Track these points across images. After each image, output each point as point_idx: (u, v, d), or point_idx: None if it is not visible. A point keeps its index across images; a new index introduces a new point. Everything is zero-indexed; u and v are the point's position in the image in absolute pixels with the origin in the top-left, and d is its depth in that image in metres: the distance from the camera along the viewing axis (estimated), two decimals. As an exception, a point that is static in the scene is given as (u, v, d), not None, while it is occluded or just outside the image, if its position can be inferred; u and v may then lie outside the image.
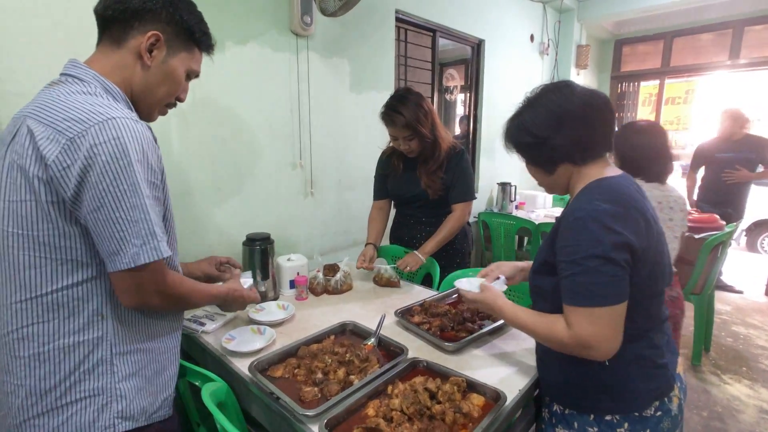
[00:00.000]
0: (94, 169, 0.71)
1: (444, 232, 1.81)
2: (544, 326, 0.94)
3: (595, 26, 4.80)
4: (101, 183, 0.71)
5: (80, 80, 0.80)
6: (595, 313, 0.83)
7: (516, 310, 1.03)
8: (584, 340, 0.84)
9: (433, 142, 1.78)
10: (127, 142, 0.73)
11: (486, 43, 3.50)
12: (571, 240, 0.86)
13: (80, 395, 0.79)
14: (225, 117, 1.83)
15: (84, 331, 0.79)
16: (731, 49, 4.60)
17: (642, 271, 0.86)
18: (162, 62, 0.86)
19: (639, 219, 0.86)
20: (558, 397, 1.02)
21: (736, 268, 4.44)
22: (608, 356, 0.85)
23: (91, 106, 0.74)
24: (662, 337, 0.96)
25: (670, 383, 0.94)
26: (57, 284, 0.76)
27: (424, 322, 1.37)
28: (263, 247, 1.59)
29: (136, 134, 0.75)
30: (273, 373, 1.12)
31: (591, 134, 0.92)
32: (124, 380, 0.83)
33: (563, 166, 0.96)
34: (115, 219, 0.73)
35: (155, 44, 0.84)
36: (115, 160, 0.72)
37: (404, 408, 0.93)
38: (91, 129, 0.71)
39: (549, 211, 3.50)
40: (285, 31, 1.99)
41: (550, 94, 0.95)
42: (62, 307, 0.77)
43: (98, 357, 0.80)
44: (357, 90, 2.42)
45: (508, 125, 1.02)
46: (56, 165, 0.71)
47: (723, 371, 2.57)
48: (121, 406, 0.82)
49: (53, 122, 0.72)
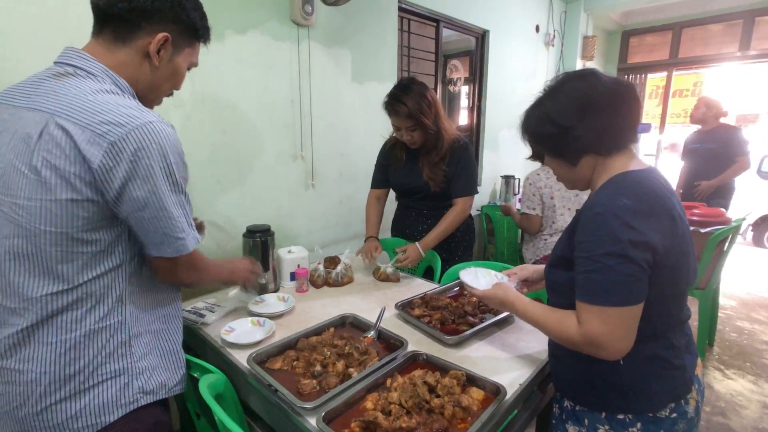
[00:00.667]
0: (138, 173, 0.76)
1: (444, 226, 1.79)
2: (555, 322, 0.91)
3: (602, 17, 4.72)
4: (145, 185, 0.77)
5: (92, 75, 0.81)
6: (608, 312, 0.80)
7: (527, 304, 1.01)
8: (594, 339, 0.82)
9: (436, 134, 1.75)
10: (167, 147, 0.79)
11: (490, 34, 3.44)
12: (590, 236, 0.83)
13: (102, 378, 0.83)
14: (225, 108, 1.81)
15: (108, 317, 0.83)
16: (741, 40, 4.51)
17: (664, 271, 0.82)
18: (168, 61, 0.89)
19: (663, 216, 0.82)
20: (569, 393, 1.00)
21: (742, 263, 4.40)
22: (618, 357, 0.83)
23: (124, 108, 0.77)
24: (682, 337, 0.92)
25: (688, 385, 0.91)
26: (89, 275, 0.80)
27: (425, 315, 1.36)
28: (263, 239, 1.58)
29: (171, 137, 0.81)
30: (272, 365, 1.11)
31: (617, 124, 0.88)
32: (142, 359, 0.89)
33: (587, 157, 0.92)
34: (159, 217, 0.80)
35: (164, 45, 0.86)
36: (157, 164, 0.77)
37: (403, 401, 0.92)
38: (132, 133, 0.75)
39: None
40: (286, 20, 1.96)
41: (573, 82, 0.90)
42: (91, 296, 0.81)
43: (119, 340, 0.85)
44: (359, 81, 2.39)
45: (527, 115, 0.98)
46: (101, 168, 0.74)
47: (727, 366, 2.56)
48: (141, 382, 0.88)
49: (90, 125, 0.74)
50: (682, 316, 0.93)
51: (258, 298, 1.50)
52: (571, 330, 0.86)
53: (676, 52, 4.95)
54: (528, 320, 1.01)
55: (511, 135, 3.79)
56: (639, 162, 0.92)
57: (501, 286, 1.12)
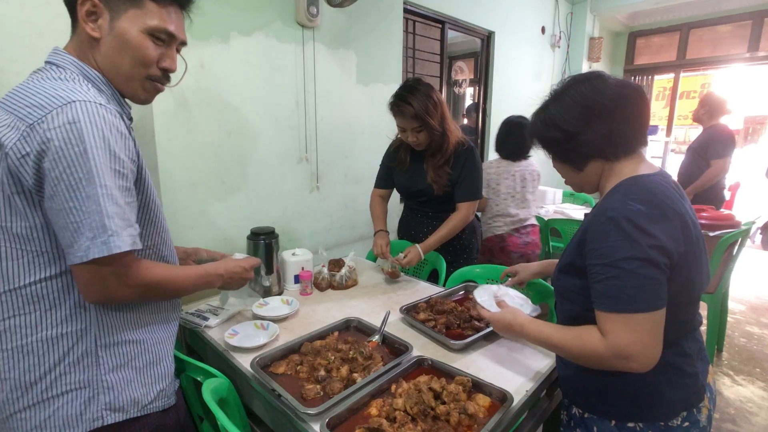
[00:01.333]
0: (47, 155, 0.67)
1: (445, 230, 1.77)
2: (575, 340, 0.86)
3: (609, 18, 4.68)
4: (55, 170, 0.68)
5: (58, 67, 0.77)
6: (635, 319, 0.77)
7: (539, 326, 0.96)
8: (623, 350, 0.77)
9: (442, 135, 1.73)
10: (83, 127, 0.68)
11: (496, 36, 3.43)
12: (604, 242, 0.80)
13: (66, 388, 0.78)
14: (230, 109, 1.80)
15: (66, 323, 0.77)
16: (750, 41, 4.46)
17: (678, 278, 0.80)
18: (110, 28, 0.78)
19: (675, 221, 0.79)
20: (578, 400, 0.98)
21: (750, 267, 4.34)
22: (649, 367, 0.78)
23: (55, 90, 0.71)
24: (694, 344, 0.90)
25: (700, 393, 0.89)
26: (34, 276, 0.75)
27: (430, 319, 1.34)
28: (267, 241, 1.57)
29: (96, 118, 0.70)
30: (275, 369, 1.10)
31: (624, 128, 0.86)
32: (111, 372, 0.81)
33: (594, 162, 0.90)
34: (68, 209, 0.69)
35: (94, 11, 0.77)
36: (68, 145, 0.68)
37: (408, 408, 0.91)
38: (50, 114, 0.68)
39: (558, 207, 3.44)
40: (291, 22, 1.96)
41: (579, 86, 0.89)
42: (42, 299, 0.76)
43: (83, 349, 0.79)
44: (364, 82, 2.39)
45: (534, 119, 0.96)
46: (14, 152, 0.68)
47: (736, 372, 2.52)
48: (108, 398, 0.81)
49: (16, 109, 0.70)
50: (695, 322, 0.91)
51: (262, 300, 1.49)
52: (596, 344, 0.81)
53: (683, 53, 4.91)
54: (542, 343, 0.96)
55: (516, 137, 3.77)
56: (649, 166, 0.89)
57: (509, 309, 1.07)
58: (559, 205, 3.54)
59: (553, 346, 0.93)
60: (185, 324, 1.37)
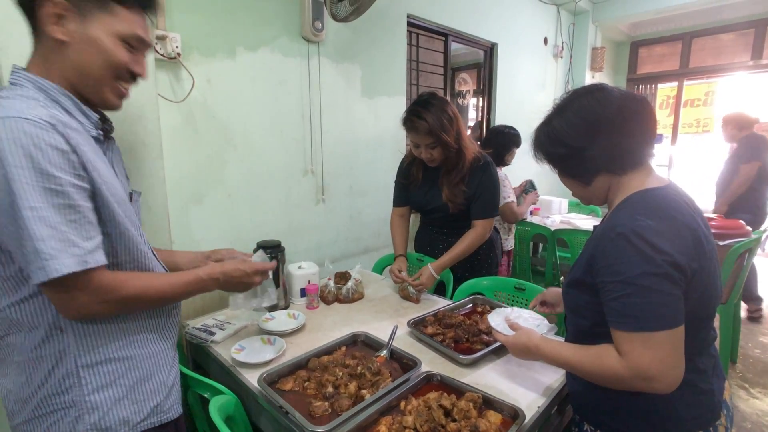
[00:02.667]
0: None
1: (460, 249, 1.70)
2: (593, 359, 0.83)
3: (611, 28, 4.71)
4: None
5: (15, 85, 0.74)
6: (654, 338, 0.74)
7: (555, 347, 0.93)
8: (644, 371, 0.74)
9: (458, 152, 1.67)
10: (3, 147, 0.64)
11: (499, 47, 3.45)
12: (618, 258, 0.77)
13: (54, 407, 0.79)
14: (236, 123, 1.82)
15: (44, 345, 0.77)
16: (753, 49, 4.47)
17: (693, 294, 0.78)
18: (79, 33, 0.75)
19: (687, 237, 0.77)
20: (590, 418, 0.96)
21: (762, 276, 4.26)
22: (674, 387, 0.75)
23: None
24: (708, 360, 0.87)
25: (716, 411, 0.86)
26: (7, 300, 0.75)
27: (438, 334, 1.33)
28: (274, 255, 1.57)
29: (18, 135, 0.65)
30: (283, 385, 1.09)
31: (629, 142, 0.84)
32: (95, 392, 0.79)
33: (601, 176, 0.88)
34: (9, 234, 0.67)
35: (63, 15, 0.73)
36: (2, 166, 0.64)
37: (418, 426, 0.89)
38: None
39: (565, 217, 3.41)
40: (296, 36, 1.98)
41: (581, 99, 0.87)
42: (20, 322, 0.76)
43: (63, 371, 0.78)
44: (369, 95, 2.40)
45: (537, 134, 0.95)
46: None
47: (751, 384, 2.46)
48: (94, 418, 0.79)
49: None
50: (709, 338, 0.88)
51: (268, 315, 1.48)
52: (615, 366, 0.77)
53: (686, 62, 4.92)
54: (559, 364, 0.93)
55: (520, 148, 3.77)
56: (657, 179, 0.87)
57: (523, 331, 1.03)
58: (565, 215, 3.51)
59: (571, 367, 0.90)
60: (191, 339, 1.36)
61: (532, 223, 3.11)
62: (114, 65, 0.79)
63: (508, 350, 1.06)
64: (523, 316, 1.27)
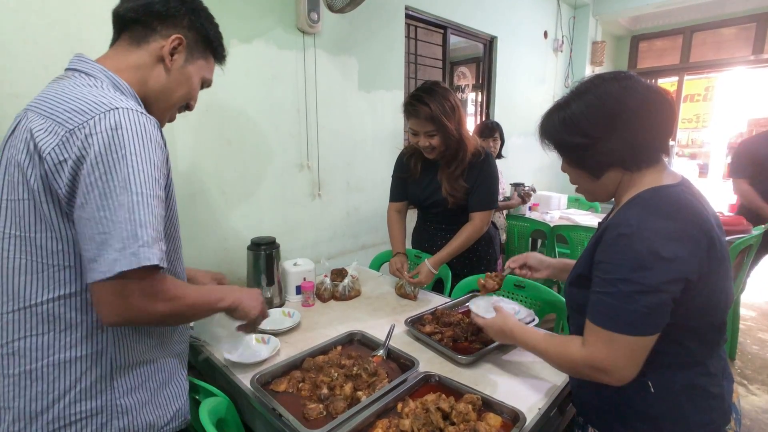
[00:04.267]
0: (86, 160, 0.65)
1: (457, 243, 1.67)
2: (557, 346, 0.87)
3: (611, 22, 4.66)
4: (90, 175, 0.64)
5: (87, 75, 0.76)
6: (617, 339, 0.75)
7: (527, 332, 0.98)
8: (598, 363, 0.77)
9: (458, 142, 1.63)
10: (125, 133, 0.67)
11: (498, 41, 3.40)
12: (611, 257, 0.76)
13: (75, 417, 0.73)
14: (230, 117, 1.78)
15: (81, 346, 0.72)
16: (755, 43, 4.43)
17: (697, 299, 0.75)
18: (181, 67, 0.86)
19: (701, 239, 0.73)
20: (594, 421, 0.93)
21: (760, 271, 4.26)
22: (621, 384, 0.78)
23: (95, 97, 0.70)
24: (718, 362, 0.84)
25: (726, 415, 0.84)
26: (53, 293, 0.70)
27: (436, 332, 1.30)
28: (269, 251, 1.54)
29: (138, 126, 0.69)
30: (276, 386, 1.06)
31: (650, 137, 0.79)
32: (125, 395, 0.77)
33: (613, 171, 0.83)
34: (98, 219, 0.64)
35: (177, 48, 0.84)
36: (108, 151, 0.65)
37: (415, 429, 0.86)
38: (92, 120, 0.66)
39: (564, 213, 3.39)
40: (291, 28, 1.94)
41: (606, 85, 0.80)
42: (58, 319, 0.71)
43: (97, 374, 0.74)
44: (366, 89, 2.36)
45: (549, 117, 0.87)
46: (51, 158, 0.66)
47: (750, 381, 2.45)
48: (122, 423, 0.77)
49: (53, 113, 0.68)
50: (721, 341, 0.85)
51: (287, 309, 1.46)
52: (574, 353, 0.82)
53: (687, 56, 4.88)
54: (529, 348, 0.97)
55: (520, 142, 3.73)
56: (672, 175, 0.83)
57: (500, 314, 1.07)
58: (564, 211, 3.49)
59: (538, 351, 0.94)
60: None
61: (531, 218, 3.08)
62: (188, 98, 0.91)
63: (486, 332, 1.11)
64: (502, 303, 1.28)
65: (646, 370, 0.81)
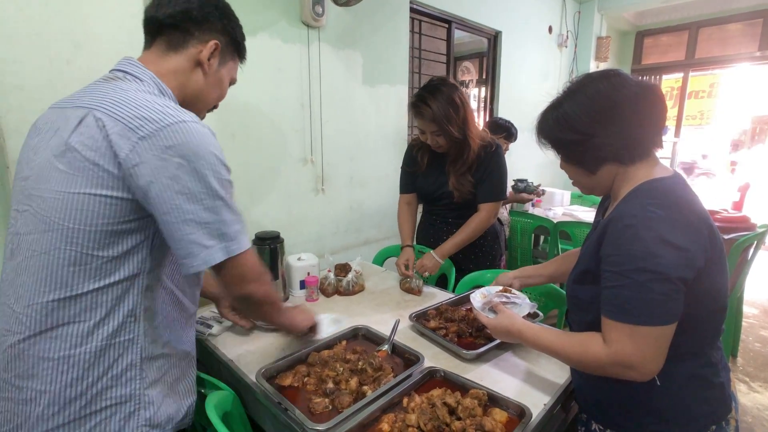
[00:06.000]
0: (165, 172, 0.71)
1: (464, 234, 1.67)
2: (577, 346, 0.85)
3: (616, 17, 4.62)
4: (173, 187, 0.71)
5: (138, 79, 0.81)
6: (639, 331, 0.75)
7: (538, 332, 0.95)
8: (625, 360, 0.76)
9: (462, 142, 1.62)
10: (200, 147, 0.73)
11: (503, 35, 3.38)
12: (620, 249, 0.77)
13: (107, 403, 0.76)
14: (234, 112, 1.77)
15: (116, 334, 0.76)
16: (761, 39, 4.39)
17: (704, 284, 0.76)
18: (216, 70, 0.91)
19: (702, 227, 0.75)
20: (597, 415, 0.94)
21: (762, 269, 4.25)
22: (649, 377, 0.77)
23: (161, 107, 0.74)
24: (717, 352, 0.86)
25: (728, 404, 0.85)
26: (98, 282, 0.74)
27: (440, 328, 1.30)
28: (273, 246, 1.53)
29: (206, 138, 0.75)
30: (282, 381, 1.06)
31: (642, 131, 0.81)
32: (151, 386, 0.81)
33: (608, 166, 0.85)
34: (185, 223, 0.73)
35: (213, 52, 0.88)
36: (188, 165, 0.72)
37: (422, 424, 0.86)
38: (163, 130, 0.71)
39: (567, 209, 3.38)
40: (296, 21, 1.92)
41: (597, 83, 0.83)
42: (100, 307, 0.75)
43: (128, 361, 0.78)
44: (370, 83, 2.34)
45: (544, 117, 0.90)
46: (127, 162, 0.70)
47: (752, 378, 2.45)
48: (149, 413, 0.80)
49: (124, 118, 0.72)
50: (720, 329, 0.86)
51: None
52: (598, 352, 0.80)
53: (692, 52, 4.83)
54: (541, 348, 0.94)
55: (523, 138, 3.71)
56: (663, 168, 0.85)
57: (506, 314, 1.04)
58: (567, 207, 3.48)
59: (552, 352, 0.91)
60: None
61: (534, 215, 3.08)
62: (221, 99, 0.98)
63: (491, 332, 1.09)
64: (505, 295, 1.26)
65: None
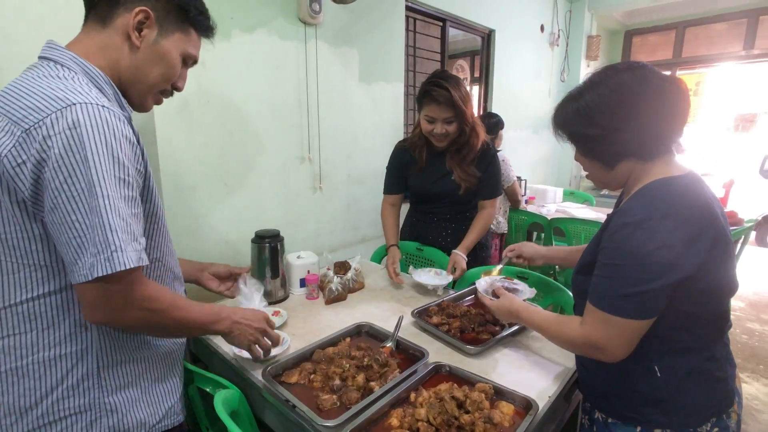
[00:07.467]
0: (47, 164, 0.62)
1: (478, 230, 1.75)
2: (555, 325, 0.94)
3: (606, 16, 4.69)
4: (54, 180, 0.62)
5: (56, 63, 0.72)
6: (612, 320, 0.80)
7: (531, 312, 1.04)
8: (593, 341, 0.83)
9: (471, 129, 1.68)
10: (85, 132, 0.63)
11: (496, 33, 3.40)
12: (613, 243, 0.80)
13: (66, 413, 0.73)
14: (231, 109, 1.75)
15: (65, 344, 0.72)
16: (745, 39, 4.49)
17: (698, 286, 0.77)
18: (153, 42, 0.78)
19: (705, 229, 0.75)
20: (600, 405, 0.95)
21: (747, 263, 4.37)
22: (614, 361, 0.83)
23: (53, 91, 0.65)
24: (723, 348, 0.88)
25: (730, 398, 0.87)
26: (32, 292, 0.70)
27: (443, 323, 1.31)
28: (273, 244, 1.53)
29: (99, 122, 0.65)
30: (288, 378, 1.06)
31: (665, 126, 0.80)
32: (114, 393, 0.77)
33: (627, 161, 0.85)
34: (70, 223, 0.63)
35: (144, 22, 0.76)
36: (69, 153, 0.62)
37: (431, 418, 0.87)
38: (48, 118, 0.63)
39: (560, 206, 3.42)
40: (293, 19, 1.91)
41: (620, 75, 0.80)
42: (39, 318, 0.71)
43: (83, 371, 0.74)
44: (366, 81, 2.34)
45: (562, 108, 0.88)
46: (9, 161, 0.63)
47: (740, 369, 2.52)
48: (112, 421, 0.77)
49: (10, 111, 0.65)
50: (725, 327, 0.88)
51: (277, 308, 1.44)
52: (573, 329, 0.87)
53: (679, 51, 4.93)
54: (532, 325, 1.04)
55: (517, 136, 3.75)
56: (679, 167, 0.85)
57: (506, 296, 1.14)
58: (560, 204, 3.52)
59: (539, 328, 1.00)
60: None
61: (528, 211, 3.11)
62: (169, 78, 0.83)
63: (495, 314, 1.17)
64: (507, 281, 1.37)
65: (652, 355, 0.84)
